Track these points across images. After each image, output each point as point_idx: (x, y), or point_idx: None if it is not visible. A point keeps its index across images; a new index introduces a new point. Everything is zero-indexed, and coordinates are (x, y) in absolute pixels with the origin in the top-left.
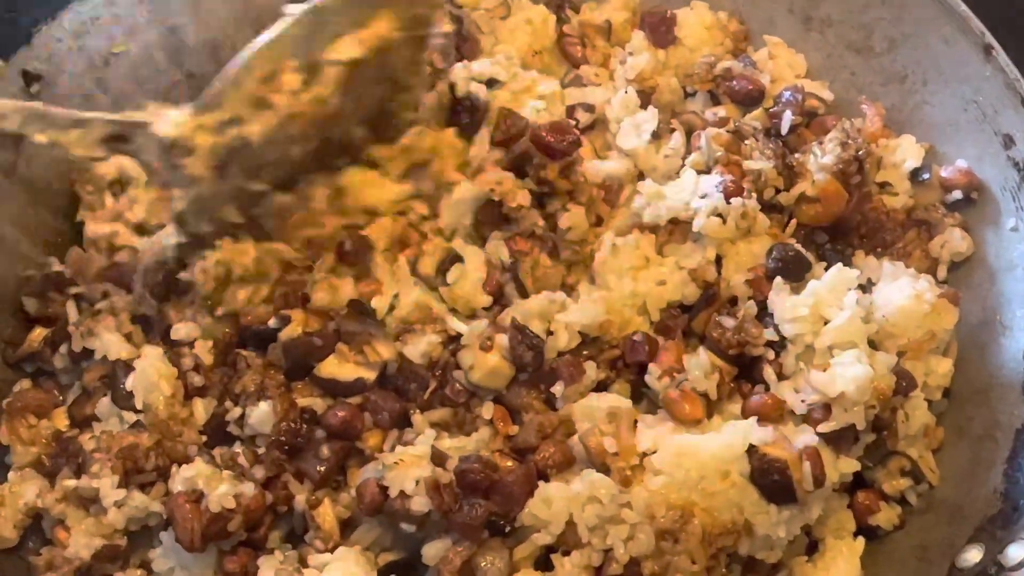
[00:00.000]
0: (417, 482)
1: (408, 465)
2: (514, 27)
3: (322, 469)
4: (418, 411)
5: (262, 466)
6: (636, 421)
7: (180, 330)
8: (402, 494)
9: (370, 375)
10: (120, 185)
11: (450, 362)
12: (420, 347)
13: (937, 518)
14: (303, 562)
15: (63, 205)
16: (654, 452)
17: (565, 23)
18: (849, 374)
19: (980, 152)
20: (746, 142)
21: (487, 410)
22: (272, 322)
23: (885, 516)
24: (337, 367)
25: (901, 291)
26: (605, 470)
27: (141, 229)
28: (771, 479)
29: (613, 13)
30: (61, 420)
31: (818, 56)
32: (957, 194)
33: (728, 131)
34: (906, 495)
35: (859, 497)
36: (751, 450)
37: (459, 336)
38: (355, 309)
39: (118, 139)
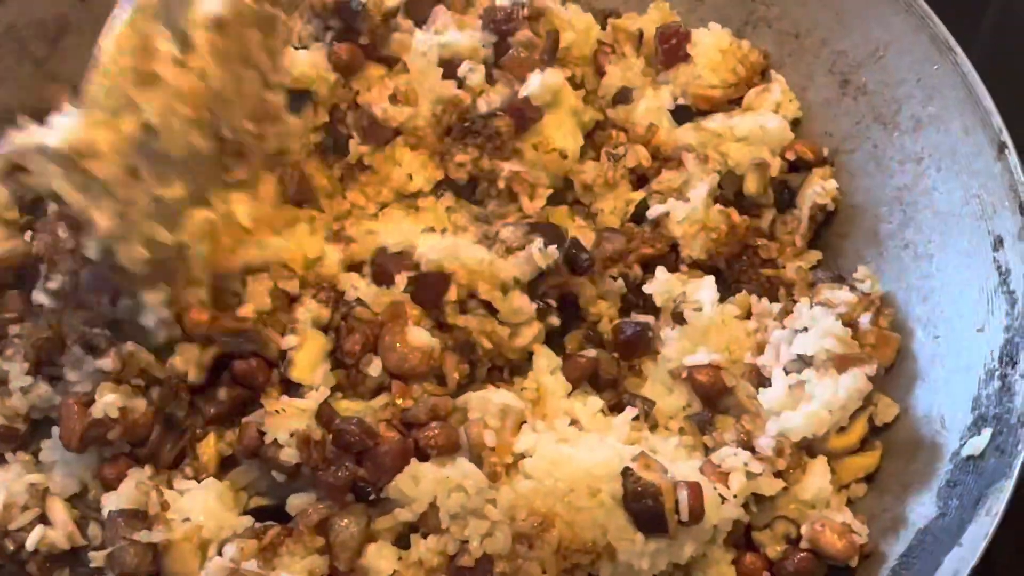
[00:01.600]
0: (292, 434)
1: (288, 416)
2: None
3: (212, 411)
4: None
5: (158, 388)
6: (524, 423)
7: None
8: (275, 442)
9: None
10: None
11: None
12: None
13: None
14: (170, 484)
15: None
16: (530, 456)
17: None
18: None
19: (971, 249)
20: None
21: (374, 368)
22: None
23: None
24: None
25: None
26: (479, 462)
27: None
28: (643, 504)
29: (649, 24)
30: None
31: (847, 121)
32: None
33: None
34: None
35: (747, 559)
36: (626, 472)
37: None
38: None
39: (17, 170)
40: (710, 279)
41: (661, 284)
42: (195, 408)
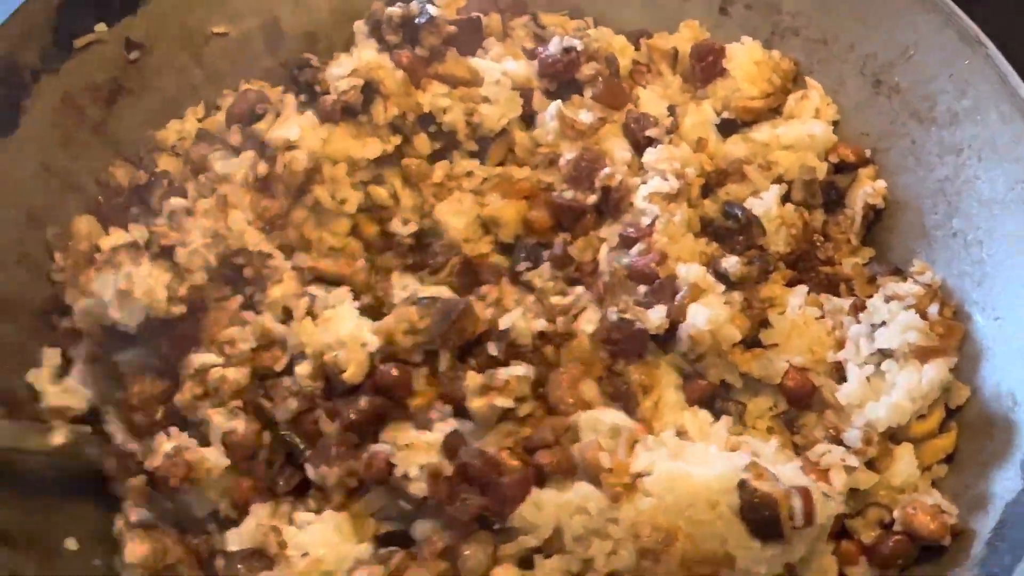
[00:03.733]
0: (421, 467)
1: (416, 450)
2: None
3: (354, 417)
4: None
5: (295, 398)
6: (636, 442)
7: None
8: (405, 475)
9: None
10: None
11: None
12: None
13: None
14: (291, 519)
15: None
16: (648, 474)
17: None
18: None
19: (1021, 233)
20: None
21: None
22: None
23: (861, 572)
24: None
25: None
26: (597, 484)
27: None
28: (760, 515)
29: (681, 42)
30: None
31: (883, 120)
32: None
33: None
34: None
35: (843, 546)
36: (742, 484)
37: None
38: None
39: None
40: (802, 288)
41: None
42: (334, 413)
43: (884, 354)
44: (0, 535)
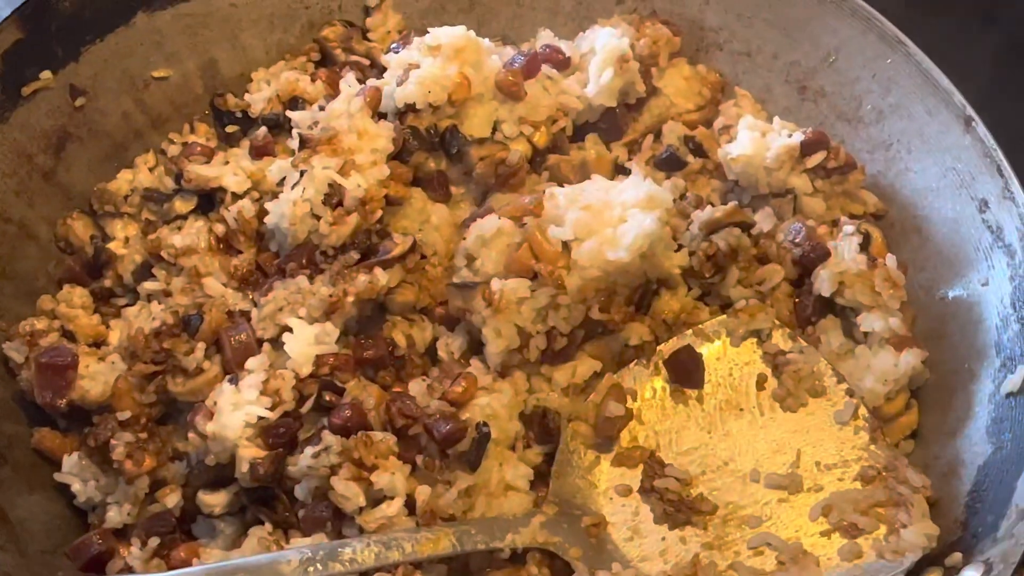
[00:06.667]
0: None
1: None
2: None
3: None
4: None
5: None
6: None
7: None
8: None
9: None
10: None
11: None
12: None
13: None
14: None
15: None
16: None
17: None
18: None
19: (957, 215)
20: None
21: None
22: None
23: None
24: None
25: None
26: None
27: None
28: None
29: None
30: None
31: (810, 124)
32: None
33: None
34: None
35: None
36: None
37: None
38: None
39: None
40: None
41: None
42: None
43: (857, 340)
44: None
